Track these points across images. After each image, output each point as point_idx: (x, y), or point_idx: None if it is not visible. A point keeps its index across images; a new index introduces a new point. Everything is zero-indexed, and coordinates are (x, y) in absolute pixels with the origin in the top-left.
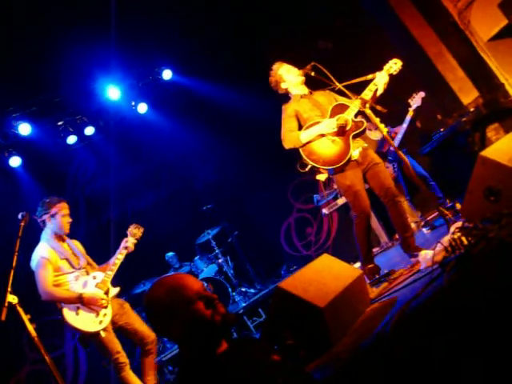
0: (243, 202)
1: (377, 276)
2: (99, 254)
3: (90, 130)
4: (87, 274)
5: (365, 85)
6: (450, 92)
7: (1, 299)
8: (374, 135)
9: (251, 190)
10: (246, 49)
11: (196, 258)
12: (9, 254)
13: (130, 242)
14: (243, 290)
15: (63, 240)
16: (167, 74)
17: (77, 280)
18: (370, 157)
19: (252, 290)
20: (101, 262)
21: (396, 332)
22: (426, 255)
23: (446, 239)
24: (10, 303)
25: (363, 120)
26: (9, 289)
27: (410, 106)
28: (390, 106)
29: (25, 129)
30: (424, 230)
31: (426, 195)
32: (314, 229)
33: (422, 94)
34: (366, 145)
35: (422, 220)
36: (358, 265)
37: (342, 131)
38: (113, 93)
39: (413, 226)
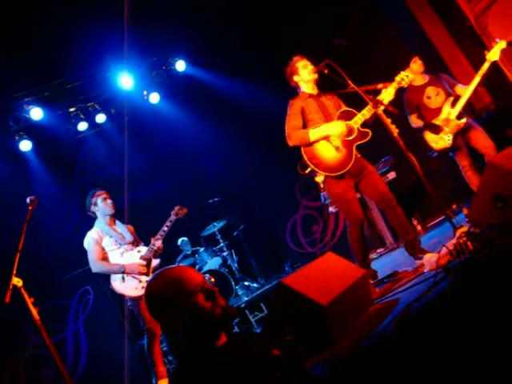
0: (250, 197)
1: (376, 278)
2: None
3: (101, 118)
4: (133, 249)
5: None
6: None
7: (6, 282)
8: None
9: (259, 185)
10: (259, 43)
11: (201, 249)
12: (18, 238)
13: (171, 221)
14: (246, 284)
15: (113, 222)
16: (181, 65)
17: (122, 254)
18: (364, 167)
19: (255, 285)
20: None
21: (397, 333)
22: (430, 258)
23: (451, 243)
24: (14, 286)
25: (369, 131)
26: (14, 271)
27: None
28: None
29: (37, 113)
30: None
31: (433, 198)
32: (320, 227)
33: (503, 45)
34: (359, 155)
35: None
36: None
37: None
38: (126, 81)
39: (418, 228)
